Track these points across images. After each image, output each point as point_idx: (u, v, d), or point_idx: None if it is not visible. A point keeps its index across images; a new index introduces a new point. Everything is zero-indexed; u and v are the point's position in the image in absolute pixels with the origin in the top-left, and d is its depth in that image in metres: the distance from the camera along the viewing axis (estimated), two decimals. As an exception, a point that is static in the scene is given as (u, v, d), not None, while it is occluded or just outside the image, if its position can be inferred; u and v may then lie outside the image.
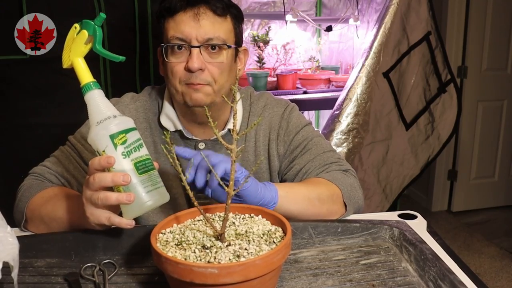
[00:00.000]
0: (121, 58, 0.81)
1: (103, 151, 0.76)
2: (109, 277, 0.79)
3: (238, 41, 1.07)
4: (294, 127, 1.13)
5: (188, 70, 0.99)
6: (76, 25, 0.81)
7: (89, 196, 0.78)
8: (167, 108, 1.10)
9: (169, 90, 1.07)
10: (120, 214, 0.79)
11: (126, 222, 0.77)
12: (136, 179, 0.76)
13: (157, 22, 1.06)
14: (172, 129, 1.09)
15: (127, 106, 1.12)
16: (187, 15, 0.99)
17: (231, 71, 1.05)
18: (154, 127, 1.11)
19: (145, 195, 0.76)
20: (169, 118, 1.09)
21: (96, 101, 0.78)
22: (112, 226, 0.81)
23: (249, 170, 1.11)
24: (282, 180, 1.16)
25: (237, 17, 1.06)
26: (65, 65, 0.82)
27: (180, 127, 1.08)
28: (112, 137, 0.76)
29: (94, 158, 0.77)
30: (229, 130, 1.09)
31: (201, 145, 1.10)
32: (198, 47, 0.99)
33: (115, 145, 0.76)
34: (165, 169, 1.09)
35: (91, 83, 0.79)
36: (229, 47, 1.02)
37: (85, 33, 0.80)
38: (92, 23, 0.79)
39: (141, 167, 0.77)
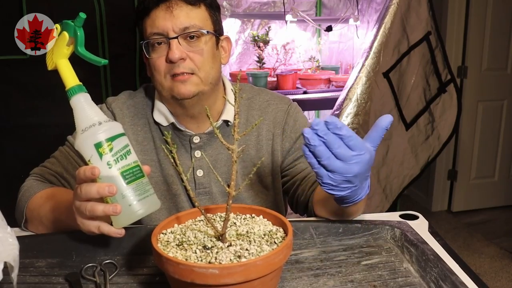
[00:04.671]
0: (104, 61, 0.77)
1: (89, 160, 0.73)
2: (110, 278, 0.79)
3: (218, 29, 1.07)
4: (301, 125, 1.14)
5: (170, 61, 0.99)
6: (57, 25, 0.78)
7: (77, 206, 0.77)
8: (159, 104, 1.10)
9: (156, 88, 1.07)
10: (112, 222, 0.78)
11: (115, 231, 0.76)
12: (124, 189, 0.73)
13: (136, 27, 1.06)
14: (165, 123, 1.09)
15: (124, 103, 1.13)
16: (160, 9, 1.00)
17: (214, 58, 1.05)
18: (151, 123, 1.11)
19: (134, 205, 0.73)
20: (161, 113, 1.09)
21: (81, 106, 0.75)
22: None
23: (250, 165, 1.11)
24: (282, 176, 1.16)
25: (212, 6, 1.06)
26: (50, 67, 0.79)
27: (172, 119, 1.08)
28: (97, 146, 0.72)
29: (80, 168, 0.75)
30: (223, 121, 1.09)
31: (196, 139, 1.09)
32: (176, 37, 1.00)
33: (100, 155, 0.72)
34: (166, 165, 1.09)
35: (76, 87, 0.75)
36: (207, 33, 1.03)
37: (65, 35, 0.76)
38: (72, 24, 0.75)
39: (129, 176, 0.73)
